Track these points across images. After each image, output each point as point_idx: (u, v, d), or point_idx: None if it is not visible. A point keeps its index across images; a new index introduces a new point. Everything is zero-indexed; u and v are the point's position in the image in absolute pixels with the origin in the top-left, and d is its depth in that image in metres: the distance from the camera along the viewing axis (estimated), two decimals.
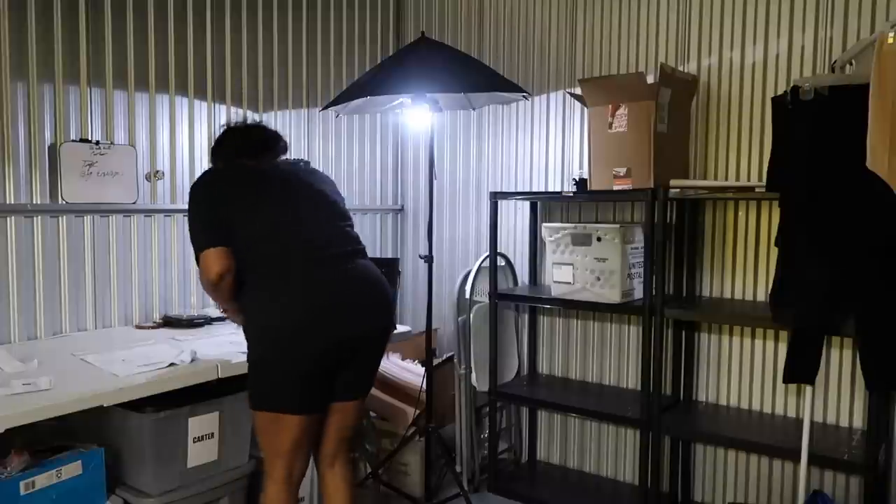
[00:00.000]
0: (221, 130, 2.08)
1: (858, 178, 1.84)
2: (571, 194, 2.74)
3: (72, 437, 1.95)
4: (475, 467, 3.02)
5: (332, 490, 2.03)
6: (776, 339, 2.59)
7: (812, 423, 2.20)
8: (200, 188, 1.90)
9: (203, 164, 2.78)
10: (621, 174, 2.54)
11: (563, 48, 3.10)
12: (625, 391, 2.94)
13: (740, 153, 2.64)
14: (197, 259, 1.83)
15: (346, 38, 3.45)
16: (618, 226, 2.57)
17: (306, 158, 3.15)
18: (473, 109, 3.05)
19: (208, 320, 2.63)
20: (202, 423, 2.08)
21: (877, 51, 1.79)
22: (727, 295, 2.69)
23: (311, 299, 1.81)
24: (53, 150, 2.37)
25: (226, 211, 1.84)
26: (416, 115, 2.89)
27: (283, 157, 2.09)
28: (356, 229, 2.04)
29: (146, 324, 2.61)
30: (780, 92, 2.26)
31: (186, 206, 1.89)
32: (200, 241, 1.82)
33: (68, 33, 2.40)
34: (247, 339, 1.87)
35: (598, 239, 2.60)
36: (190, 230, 1.86)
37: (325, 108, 2.71)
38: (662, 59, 2.80)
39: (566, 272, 2.70)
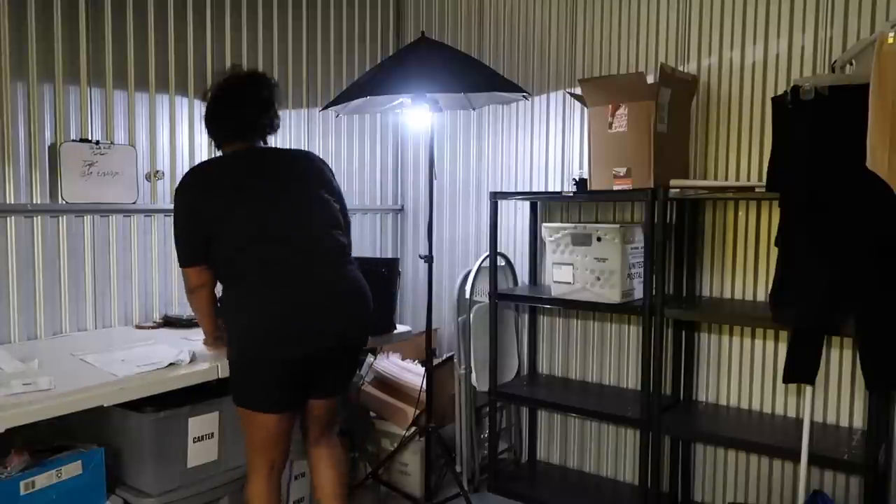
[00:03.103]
0: (217, 89, 2.08)
1: (858, 178, 1.84)
2: (571, 194, 2.74)
3: (72, 437, 1.95)
4: (475, 467, 3.02)
5: (320, 466, 2.13)
6: (776, 339, 2.59)
7: (812, 423, 2.20)
8: (180, 195, 1.97)
9: None
10: (621, 174, 2.54)
11: (563, 48, 3.10)
12: (625, 391, 2.94)
13: (740, 153, 2.64)
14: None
15: (346, 38, 3.45)
16: (618, 226, 2.57)
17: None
18: (473, 109, 3.05)
19: None
20: (202, 423, 2.09)
21: (877, 51, 1.79)
22: (727, 295, 2.69)
23: (286, 306, 1.86)
24: (53, 150, 2.37)
25: (202, 220, 1.92)
26: (416, 115, 2.89)
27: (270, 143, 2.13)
28: (355, 230, 2.06)
29: (146, 324, 2.61)
30: (780, 92, 2.26)
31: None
32: (181, 256, 1.98)
33: (68, 33, 2.39)
34: (229, 336, 1.94)
35: (598, 239, 2.60)
36: (174, 238, 1.98)
37: (325, 107, 2.71)
38: (662, 59, 2.80)
39: (566, 272, 2.70)
